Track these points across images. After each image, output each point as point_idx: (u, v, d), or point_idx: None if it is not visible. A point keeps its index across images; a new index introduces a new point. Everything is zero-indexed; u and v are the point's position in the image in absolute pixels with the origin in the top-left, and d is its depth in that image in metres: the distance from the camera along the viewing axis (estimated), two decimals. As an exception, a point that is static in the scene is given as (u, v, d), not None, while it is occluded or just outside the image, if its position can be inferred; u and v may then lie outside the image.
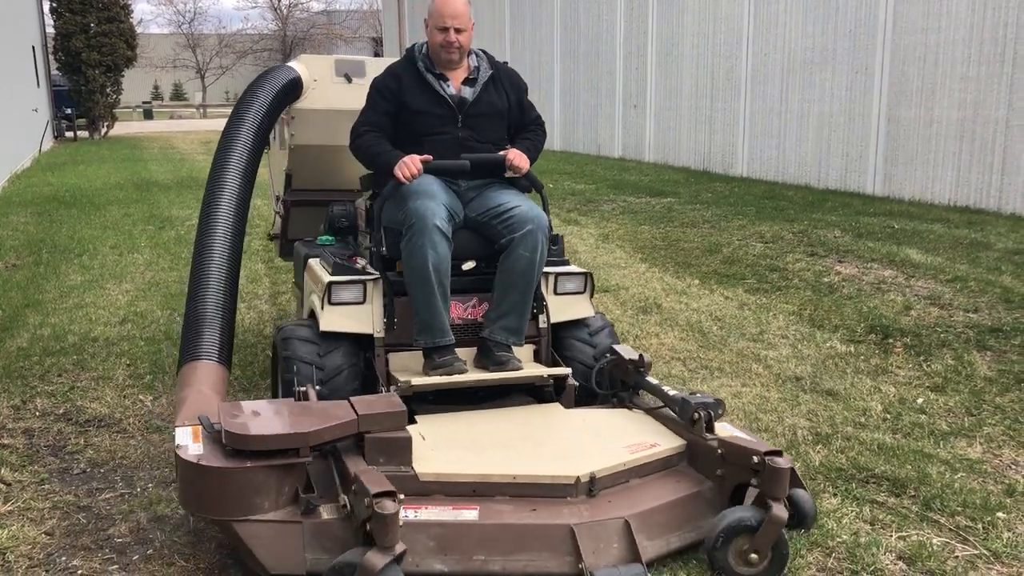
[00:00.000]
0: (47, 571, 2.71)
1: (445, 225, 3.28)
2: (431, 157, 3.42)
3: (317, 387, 2.98)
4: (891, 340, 4.89)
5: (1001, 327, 5.06)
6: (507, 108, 3.69)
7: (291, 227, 4.66)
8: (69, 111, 24.65)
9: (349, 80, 4.28)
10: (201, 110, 45.76)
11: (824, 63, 11.22)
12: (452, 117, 3.56)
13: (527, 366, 3.44)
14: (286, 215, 4.62)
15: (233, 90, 62.94)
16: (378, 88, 3.63)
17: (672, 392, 3.18)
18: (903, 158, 10.31)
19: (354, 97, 4.10)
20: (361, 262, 3.60)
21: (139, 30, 27.50)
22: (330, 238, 4.07)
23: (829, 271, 6.57)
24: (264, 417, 2.64)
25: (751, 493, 2.72)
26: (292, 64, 4.15)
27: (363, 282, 3.38)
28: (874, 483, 3.19)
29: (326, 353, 3.28)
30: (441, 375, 3.26)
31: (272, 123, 4.02)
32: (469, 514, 2.60)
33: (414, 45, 3.70)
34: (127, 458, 3.53)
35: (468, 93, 3.60)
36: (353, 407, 2.68)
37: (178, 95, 57.81)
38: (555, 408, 3.36)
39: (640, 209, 9.91)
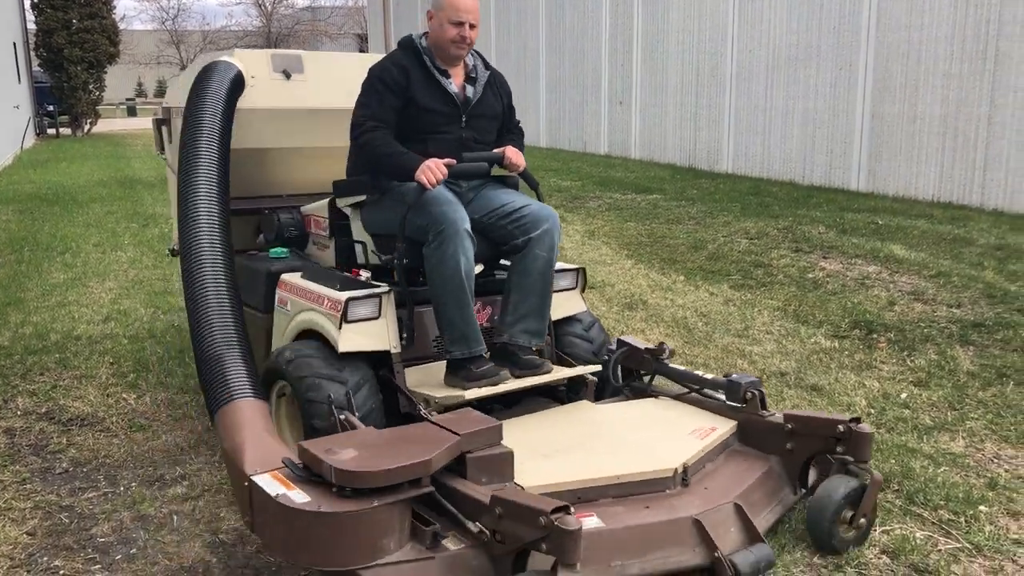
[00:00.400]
0: (28, 571, 2.69)
1: (471, 230, 3.13)
2: (454, 161, 3.23)
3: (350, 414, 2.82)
4: (875, 335, 4.92)
5: (983, 322, 5.09)
6: (501, 111, 3.58)
7: None
8: (51, 108, 24.47)
9: (288, 76, 3.94)
10: (185, 107, 45.52)
11: (809, 60, 11.26)
12: (456, 116, 3.41)
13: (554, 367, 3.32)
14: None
15: (217, 87, 62.71)
16: (383, 80, 3.34)
17: (708, 376, 3.27)
18: (887, 154, 10.37)
19: (294, 95, 3.88)
20: (365, 274, 3.37)
21: (122, 26, 27.31)
22: (283, 250, 3.78)
23: (814, 267, 6.60)
24: (370, 450, 2.38)
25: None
26: (229, 59, 3.79)
27: (379, 296, 3.15)
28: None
29: (349, 376, 3.01)
30: (485, 385, 3.09)
31: (230, 125, 3.61)
32: (591, 521, 2.49)
33: (412, 36, 3.47)
34: (110, 457, 3.51)
35: (471, 92, 3.45)
36: (445, 427, 2.51)
37: (162, 92, 57.38)
38: (589, 406, 3.32)
39: (626, 206, 9.92)
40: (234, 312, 3.13)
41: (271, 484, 2.36)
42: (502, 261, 3.52)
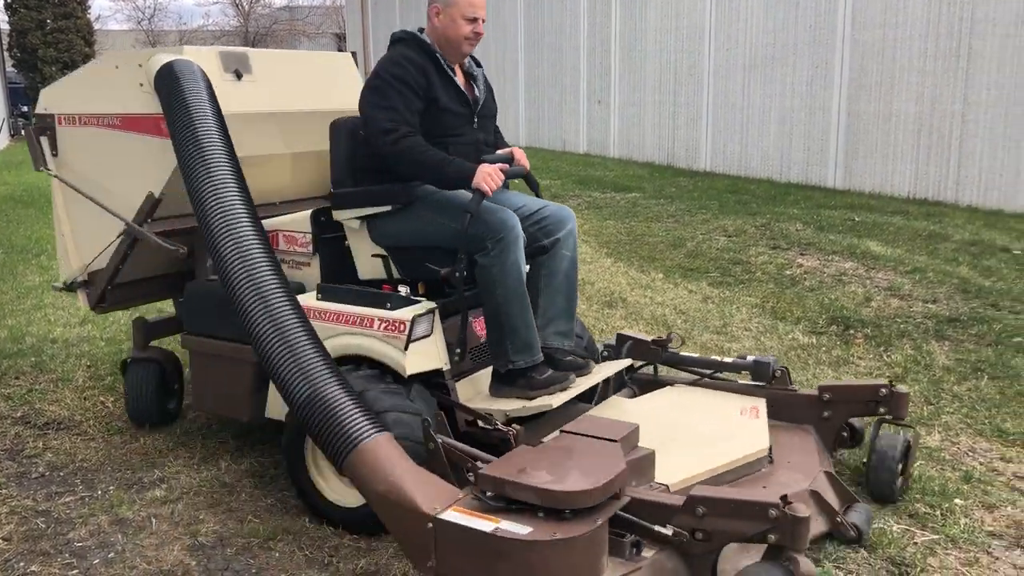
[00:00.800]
0: (5, 577, 2.67)
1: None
2: (506, 165, 3.10)
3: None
4: (852, 331, 4.96)
5: (959, 317, 5.15)
6: (495, 111, 3.46)
7: (128, 267, 3.61)
8: (25, 109, 24.22)
9: (239, 77, 3.51)
10: (162, 107, 45.18)
11: (785, 58, 11.33)
12: (469, 117, 3.26)
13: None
14: (126, 251, 3.54)
15: (194, 87, 62.25)
16: (404, 80, 3.08)
17: (727, 359, 3.51)
18: (863, 151, 10.45)
19: (246, 98, 3.46)
20: (404, 290, 3.10)
21: (97, 26, 27.07)
22: None
23: (791, 264, 6.64)
24: (554, 469, 2.27)
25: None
26: (184, 57, 3.30)
27: (432, 312, 2.98)
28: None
29: (418, 400, 2.85)
30: (556, 391, 3.03)
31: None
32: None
33: (415, 32, 3.26)
34: (87, 461, 3.48)
35: (477, 92, 3.31)
36: (598, 436, 2.45)
37: (138, 92, 56.88)
38: (624, 401, 3.40)
39: (605, 204, 9.94)
40: (315, 341, 2.75)
41: (468, 520, 2.17)
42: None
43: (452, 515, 2.19)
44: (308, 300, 3.10)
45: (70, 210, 3.69)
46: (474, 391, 3.15)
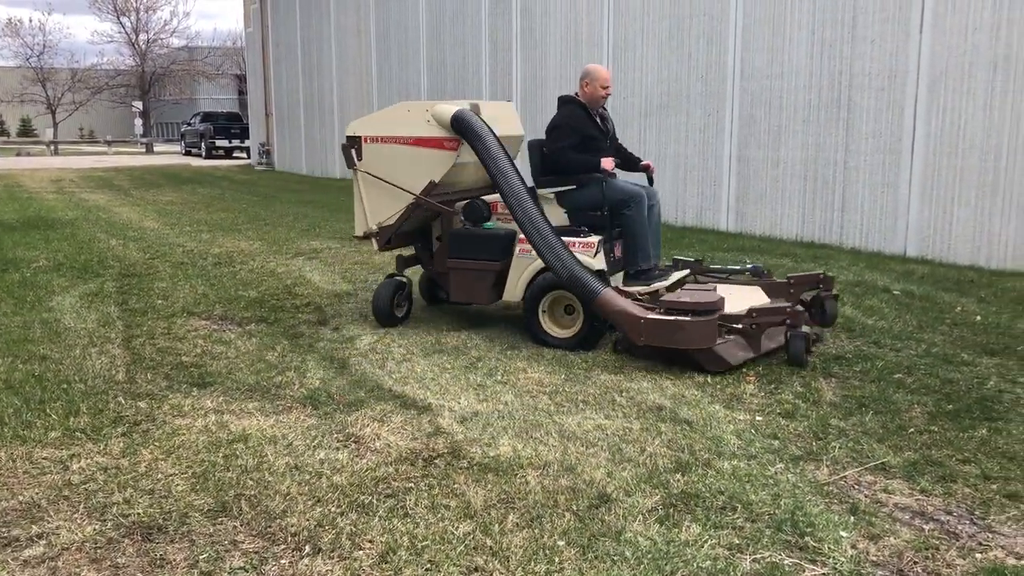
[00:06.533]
0: None
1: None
2: (617, 159, 6.20)
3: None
4: (744, 370, 5.11)
5: (844, 355, 5.37)
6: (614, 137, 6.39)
7: (405, 224, 6.07)
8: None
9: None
10: (52, 147, 43.58)
11: (679, 106, 11.74)
12: (605, 140, 6.15)
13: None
14: (408, 214, 5.98)
15: (88, 126, 60.29)
16: (569, 124, 6.02)
17: (737, 266, 6.45)
18: (753, 196, 10.87)
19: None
20: (585, 230, 5.74)
21: (-19, 62, 25.99)
22: (492, 224, 6.02)
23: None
24: (692, 297, 5.15)
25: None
26: (463, 107, 5.74)
27: (599, 240, 5.65)
28: (731, 509, 3.30)
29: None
30: (657, 280, 5.87)
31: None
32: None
33: (576, 95, 6.16)
34: (-41, 518, 3.27)
35: (607, 127, 6.25)
36: (703, 289, 5.51)
37: (26, 131, 54.87)
38: (721, 287, 6.01)
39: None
40: (566, 247, 5.41)
41: (658, 317, 5.03)
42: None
43: (651, 316, 5.02)
44: (552, 239, 5.50)
45: (367, 192, 6.09)
46: (616, 282, 5.72)
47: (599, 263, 5.53)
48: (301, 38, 23.80)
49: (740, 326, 5.09)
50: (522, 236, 5.55)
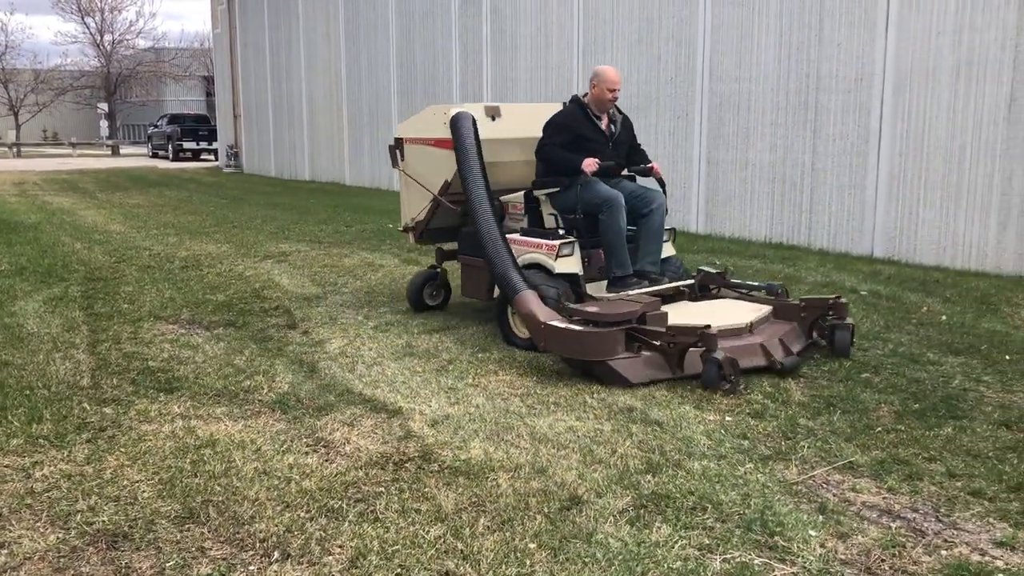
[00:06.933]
0: None
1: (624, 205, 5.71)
2: (600, 162, 5.79)
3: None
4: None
5: (812, 355, 5.41)
6: (628, 140, 6.22)
7: (434, 220, 6.50)
8: None
9: (493, 119, 6.35)
10: (15, 149, 42.93)
11: (649, 108, 11.80)
12: (606, 144, 5.99)
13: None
14: (433, 211, 6.39)
15: (51, 128, 59.42)
16: (558, 123, 6.01)
17: (754, 283, 6.07)
18: (722, 198, 10.95)
19: (498, 130, 6.29)
20: (561, 232, 5.81)
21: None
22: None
23: (658, 306, 6.84)
24: (602, 308, 5.07)
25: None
26: (465, 110, 6.01)
27: (573, 243, 5.69)
28: (701, 509, 3.32)
29: (560, 285, 5.53)
30: (634, 288, 5.56)
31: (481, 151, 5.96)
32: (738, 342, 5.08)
33: (583, 96, 6.05)
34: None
35: (613, 129, 6.08)
36: (635, 300, 5.21)
37: (-11, 133, 53.91)
38: (689, 303, 5.87)
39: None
40: (510, 252, 5.54)
41: (559, 323, 4.93)
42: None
43: (551, 323, 4.94)
44: (515, 235, 5.82)
45: (405, 189, 6.63)
46: (599, 290, 5.76)
47: (563, 267, 5.55)
48: (270, 39, 23.63)
49: (657, 343, 4.83)
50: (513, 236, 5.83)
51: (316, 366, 5.26)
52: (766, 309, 5.51)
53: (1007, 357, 5.37)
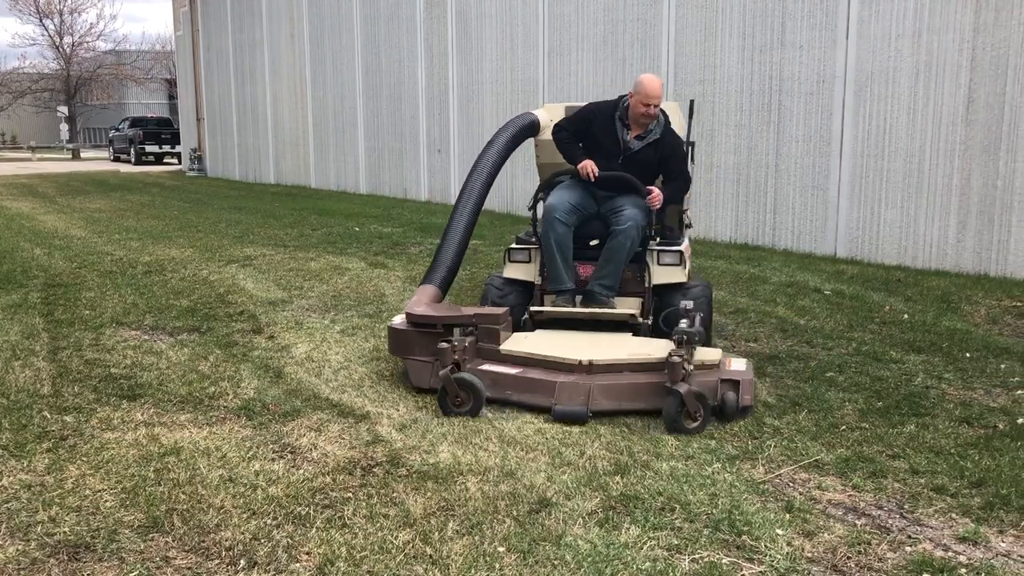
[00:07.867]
0: None
1: (564, 216, 5.28)
2: (597, 171, 5.32)
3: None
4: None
5: (778, 355, 5.47)
6: (655, 162, 5.41)
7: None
8: None
9: None
10: (-29, 153, 42.10)
11: (615, 111, 11.83)
12: (616, 156, 5.39)
13: (620, 307, 5.23)
14: None
15: (10, 132, 58.39)
16: (580, 115, 5.61)
17: (681, 326, 4.58)
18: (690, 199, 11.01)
19: None
20: (532, 238, 5.58)
21: None
22: None
23: (625, 308, 6.87)
24: (434, 310, 4.99)
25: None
26: (534, 111, 6.09)
27: (528, 249, 5.54)
28: (669, 510, 3.33)
29: (502, 288, 5.53)
30: (560, 305, 5.24)
31: (506, 151, 5.81)
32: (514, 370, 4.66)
33: (626, 96, 5.36)
34: None
35: (634, 146, 5.38)
36: (468, 310, 5.02)
37: (-55, 137, 52.93)
38: (625, 336, 5.08)
39: (446, 252, 9.98)
40: (458, 242, 5.42)
41: (398, 322, 4.98)
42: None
43: (395, 320, 5.07)
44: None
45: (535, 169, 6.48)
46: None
47: (514, 272, 5.55)
48: (233, 42, 23.40)
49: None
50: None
51: (282, 371, 5.21)
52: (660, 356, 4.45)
53: (967, 355, 5.46)
